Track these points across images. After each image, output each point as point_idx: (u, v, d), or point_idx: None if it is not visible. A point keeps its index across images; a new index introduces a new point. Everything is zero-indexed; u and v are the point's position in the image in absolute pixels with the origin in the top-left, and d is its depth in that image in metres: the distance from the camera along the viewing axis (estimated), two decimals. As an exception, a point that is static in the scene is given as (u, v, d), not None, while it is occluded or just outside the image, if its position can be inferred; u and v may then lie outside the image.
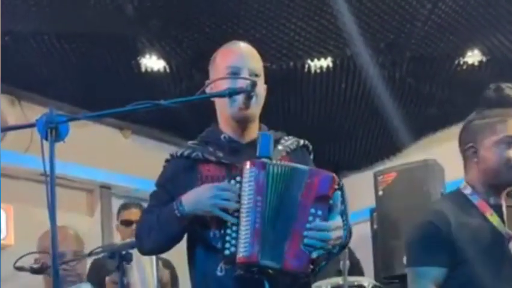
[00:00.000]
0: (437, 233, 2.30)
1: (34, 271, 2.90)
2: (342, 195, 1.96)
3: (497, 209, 2.34)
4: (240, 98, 2.01)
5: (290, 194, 1.91)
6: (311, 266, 1.89)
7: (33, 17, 4.03)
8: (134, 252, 2.59)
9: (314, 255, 1.88)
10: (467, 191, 2.38)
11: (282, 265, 1.88)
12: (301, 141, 2.18)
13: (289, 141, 2.15)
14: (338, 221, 1.92)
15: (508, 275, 2.27)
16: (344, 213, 1.96)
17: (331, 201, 1.91)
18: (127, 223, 3.89)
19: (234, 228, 1.89)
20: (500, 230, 2.30)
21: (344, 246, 2.06)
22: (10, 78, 4.64)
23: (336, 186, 1.94)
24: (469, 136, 2.38)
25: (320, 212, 1.89)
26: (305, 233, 1.88)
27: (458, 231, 2.28)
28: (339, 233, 1.92)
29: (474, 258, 2.27)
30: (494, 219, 2.32)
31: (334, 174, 1.95)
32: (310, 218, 1.88)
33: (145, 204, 2.50)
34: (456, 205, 2.36)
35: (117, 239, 4.38)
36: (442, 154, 4.55)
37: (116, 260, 2.74)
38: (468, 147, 2.37)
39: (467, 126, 2.41)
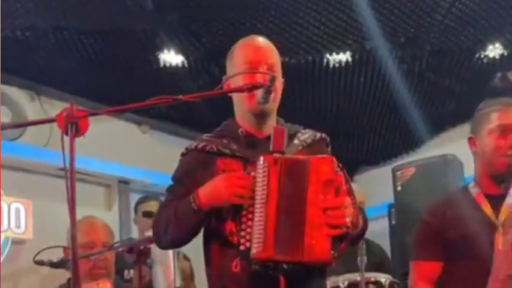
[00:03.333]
0: (427, 229, 2.41)
1: (54, 265, 2.90)
2: (345, 175, 1.97)
3: (495, 200, 2.33)
4: (259, 92, 2.00)
5: (299, 186, 1.90)
6: (332, 252, 1.88)
7: (53, 13, 4.04)
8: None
9: (334, 236, 1.87)
10: (471, 184, 2.42)
11: (303, 257, 1.86)
12: (318, 135, 2.18)
13: (305, 135, 2.14)
14: (346, 199, 1.93)
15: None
16: (350, 193, 1.96)
17: (337, 184, 1.91)
18: (148, 214, 3.90)
19: (250, 223, 1.89)
20: (493, 221, 2.29)
21: (362, 234, 2.07)
22: (30, 74, 4.68)
23: (338, 168, 1.94)
24: (471, 127, 2.41)
25: (329, 197, 1.89)
26: (319, 220, 1.87)
27: (451, 226, 2.33)
28: (351, 210, 1.92)
29: (465, 251, 2.30)
30: (487, 209, 2.33)
31: (332, 157, 1.95)
32: (321, 205, 1.88)
33: (162, 198, 2.51)
34: (456, 200, 2.42)
35: (135, 233, 4.40)
36: (461, 149, 4.47)
37: (134, 254, 2.74)
38: (469, 138, 2.39)
39: (472, 118, 2.43)
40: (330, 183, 1.90)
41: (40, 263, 2.85)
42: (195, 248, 2.20)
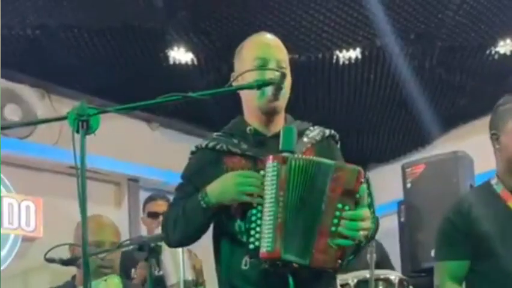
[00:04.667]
0: (453, 228, 2.37)
1: (64, 263, 2.91)
2: (369, 188, 1.94)
3: None
4: (269, 89, 1.99)
5: (315, 189, 1.89)
6: (339, 261, 1.87)
7: (63, 11, 4.05)
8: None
9: (342, 246, 1.86)
10: (494, 181, 2.39)
11: (310, 261, 1.86)
12: (327, 131, 2.16)
13: (314, 132, 2.13)
14: (366, 211, 1.90)
15: None
16: (371, 206, 1.94)
17: (357, 195, 1.89)
18: (153, 215, 3.90)
19: (259, 222, 1.89)
20: None
21: (370, 238, 2.05)
22: (40, 72, 4.69)
23: (362, 180, 1.90)
24: (492, 123, 2.39)
25: (347, 207, 1.87)
26: (333, 228, 1.85)
27: (477, 224, 2.30)
28: (368, 224, 1.90)
29: (493, 249, 2.28)
30: None
31: (360, 168, 1.92)
32: (337, 213, 1.86)
33: (171, 197, 2.50)
34: (480, 197, 2.39)
35: (144, 231, 4.41)
36: (472, 146, 4.49)
37: (145, 252, 2.74)
38: (492, 134, 2.37)
39: (492, 113, 2.40)
40: (351, 194, 1.88)
41: (51, 260, 2.85)
42: (206, 247, 2.20)
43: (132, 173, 5.28)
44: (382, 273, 3.93)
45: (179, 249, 3.02)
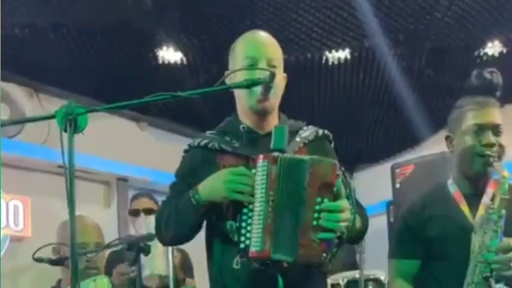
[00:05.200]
0: (405, 227, 2.40)
1: (53, 262, 2.91)
2: (346, 180, 1.95)
3: (472, 199, 2.32)
4: (258, 89, 1.99)
5: (297, 186, 1.89)
6: (324, 255, 1.87)
7: (51, 10, 4.03)
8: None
9: (325, 239, 1.86)
10: (449, 181, 2.41)
11: (295, 258, 1.86)
12: (321, 131, 2.16)
13: (307, 132, 2.13)
14: (344, 202, 1.90)
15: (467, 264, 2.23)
16: (349, 197, 1.94)
17: (335, 188, 1.89)
18: (134, 213, 3.88)
19: (249, 221, 1.89)
20: (470, 220, 2.29)
21: (362, 233, 2.06)
22: (28, 71, 4.67)
23: (338, 173, 1.91)
24: (448, 125, 2.40)
25: (326, 200, 1.87)
26: (314, 222, 1.86)
27: (429, 224, 2.33)
28: (348, 215, 1.90)
29: (443, 250, 2.30)
30: (465, 209, 2.32)
31: (335, 161, 1.93)
32: (317, 207, 1.86)
33: (158, 196, 2.50)
34: (435, 197, 2.41)
35: (133, 230, 4.39)
36: (461, 146, 4.50)
37: (133, 252, 2.73)
38: (446, 137, 2.39)
39: (449, 115, 2.42)
40: (328, 187, 1.88)
41: (39, 260, 2.85)
42: (199, 244, 2.20)
43: (121, 173, 5.26)
44: (372, 273, 3.95)
45: (159, 246, 3.00)
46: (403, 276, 2.40)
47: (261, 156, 1.91)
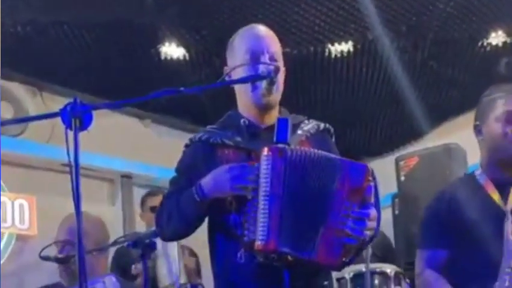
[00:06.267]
0: (434, 217, 2.39)
1: (59, 261, 2.90)
2: (375, 187, 1.93)
3: (503, 187, 2.31)
4: (262, 84, 1.98)
5: (319, 184, 1.87)
6: (343, 259, 1.87)
7: (53, 7, 4.03)
8: (160, 240, 2.58)
9: (348, 245, 1.85)
10: (478, 171, 2.40)
11: (315, 257, 1.85)
12: (322, 125, 2.15)
13: (309, 125, 2.11)
14: (373, 211, 1.90)
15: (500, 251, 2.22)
16: (377, 205, 1.93)
17: (365, 194, 1.88)
18: (155, 210, 3.88)
19: (254, 214, 1.86)
20: (502, 207, 2.28)
21: (374, 237, 2.04)
22: (31, 69, 4.67)
23: (370, 178, 1.90)
24: (476, 114, 2.40)
25: (354, 205, 1.86)
26: (340, 226, 1.84)
27: (459, 213, 2.31)
28: (374, 224, 1.90)
29: (474, 239, 2.28)
30: (496, 196, 2.31)
31: (368, 165, 1.91)
32: (345, 212, 1.85)
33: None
34: (463, 187, 2.40)
35: (139, 227, 4.40)
36: (464, 138, 4.46)
37: (139, 249, 2.73)
38: (475, 126, 2.38)
39: (477, 104, 2.41)
40: (359, 192, 1.86)
41: (46, 258, 2.84)
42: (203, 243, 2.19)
43: (125, 170, 5.26)
44: (378, 266, 3.94)
45: (175, 249, 3.00)
46: (433, 266, 2.37)
47: (266, 148, 1.89)
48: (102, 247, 2.88)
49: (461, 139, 4.54)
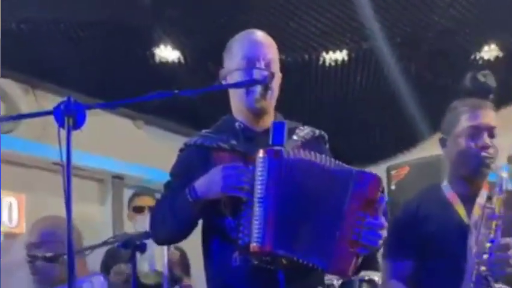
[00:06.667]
0: (400, 226, 2.38)
1: (47, 259, 2.89)
2: (384, 197, 1.94)
3: (468, 200, 2.33)
4: (256, 89, 1.99)
5: (327, 191, 1.88)
6: (354, 270, 1.87)
7: (48, 6, 4.02)
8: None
9: (361, 254, 1.86)
10: (444, 183, 2.42)
11: (328, 265, 1.85)
12: (317, 132, 2.16)
13: (304, 131, 2.12)
14: (385, 221, 1.91)
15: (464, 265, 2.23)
16: (385, 214, 1.94)
17: (377, 204, 1.89)
18: (138, 209, 3.87)
19: (249, 217, 1.85)
20: (465, 221, 2.29)
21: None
22: (24, 67, 4.65)
23: (381, 189, 1.91)
24: (442, 128, 2.41)
25: (368, 216, 1.86)
26: (354, 236, 1.85)
27: (424, 224, 2.33)
28: (385, 233, 1.91)
29: (438, 249, 2.30)
30: (460, 210, 2.32)
31: (378, 176, 1.92)
32: (359, 222, 1.85)
33: (157, 194, 2.48)
34: (429, 198, 2.41)
35: (128, 229, 4.38)
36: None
37: (129, 249, 2.73)
38: (440, 139, 2.40)
39: (443, 118, 2.43)
40: (372, 203, 1.88)
41: (33, 257, 2.83)
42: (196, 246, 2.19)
43: (116, 171, 5.25)
44: (366, 274, 3.94)
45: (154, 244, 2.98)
46: (397, 277, 2.39)
47: (261, 150, 1.88)
48: (91, 246, 2.87)
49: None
